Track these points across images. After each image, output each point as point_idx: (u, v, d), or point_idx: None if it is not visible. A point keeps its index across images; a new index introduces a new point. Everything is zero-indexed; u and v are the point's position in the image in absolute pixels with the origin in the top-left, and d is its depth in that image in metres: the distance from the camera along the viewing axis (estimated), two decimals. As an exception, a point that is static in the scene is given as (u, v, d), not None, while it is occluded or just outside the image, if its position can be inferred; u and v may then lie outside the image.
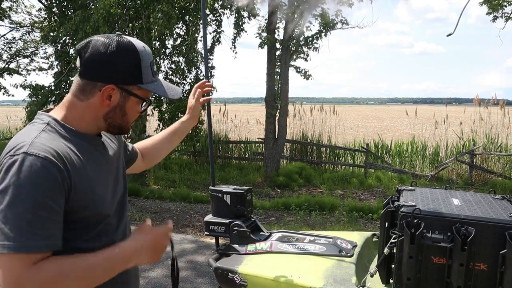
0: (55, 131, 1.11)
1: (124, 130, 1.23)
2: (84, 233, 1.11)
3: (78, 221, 1.09)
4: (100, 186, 1.15)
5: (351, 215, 6.36)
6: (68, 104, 1.16)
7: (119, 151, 1.35)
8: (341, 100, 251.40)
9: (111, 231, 1.20)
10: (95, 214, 1.13)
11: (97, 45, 1.12)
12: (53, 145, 1.05)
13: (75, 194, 1.05)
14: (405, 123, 18.64)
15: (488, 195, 1.70)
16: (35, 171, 0.98)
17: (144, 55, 1.16)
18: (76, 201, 1.06)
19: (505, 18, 8.16)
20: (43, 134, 1.08)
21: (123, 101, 1.16)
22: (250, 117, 14.82)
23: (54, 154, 1.03)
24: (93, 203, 1.11)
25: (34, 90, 7.95)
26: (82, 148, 1.13)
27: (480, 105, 10.24)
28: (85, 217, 1.10)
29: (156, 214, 6.56)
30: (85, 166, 1.11)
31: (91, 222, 1.13)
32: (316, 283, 1.55)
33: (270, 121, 8.86)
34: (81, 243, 1.10)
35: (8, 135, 16.19)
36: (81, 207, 1.08)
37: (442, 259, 1.36)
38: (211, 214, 2.03)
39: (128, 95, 1.16)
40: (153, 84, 1.20)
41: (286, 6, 8.29)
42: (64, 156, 1.05)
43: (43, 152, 1.01)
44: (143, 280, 4.06)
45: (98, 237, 1.15)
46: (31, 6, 19.30)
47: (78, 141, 1.13)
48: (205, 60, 2.12)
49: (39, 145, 1.03)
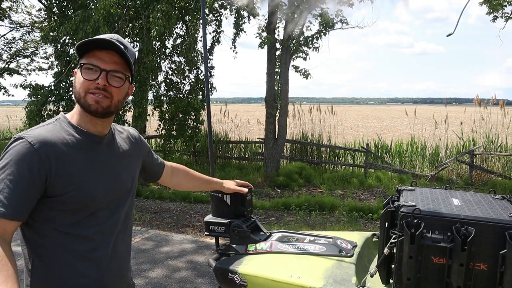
0: (60, 125, 1.30)
1: (85, 101, 1.30)
2: (69, 217, 1.27)
3: (61, 204, 1.25)
4: (88, 179, 1.29)
5: (351, 215, 6.36)
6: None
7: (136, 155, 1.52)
8: (341, 100, 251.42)
9: (98, 223, 1.33)
10: (77, 202, 1.27)
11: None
12: (48, 135, 1.24)
13: (54, 180, 1.22)
14: (405, 123, 18.64)
15: (488, 195, 1.70)
16: (20, 152, 1.20)
17: (95, 37, 1.33)
18: (55, 186, 1.23)
19: (505, 18, 8.16)
20: (47, 126, 1.28)
21: (78, 74, 1.31)
22: (250, 117, 14.82)
23: (44, 142, 1.22)
24: (74, 191, 1.25)
25: (34, 90, 7.94)
26: (79, 144, 1.29)
27: (480, 105, 10.24)
28: (67, 201, 1.25)
29: (156, 214, 6.56)
30: (74, 158, 1.27)
31: (76, 209, 1.27)
32: (316, 283, 1.55)
33: (270, 121, 8.85)
34: (69, 228, 1.27)
35: (8, 135, 16.18)
36: (60, 192, 1.24)
37: (442, 259, 1.36)
38: (211, 214, 2.03)
39: (80, 67, 1.30)
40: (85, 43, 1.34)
41: (286, 6, 8.30)
42: (55, 145, 1.24)
43: (35, 140, 1.21)
44: (143, 280, 4.06)
45: (85, 225, 1.30)
46: (31, 6, 19.32)
47: (78, 137, 1.30)
48: (205, 60, 2.12)
49: (36, 134, 1.23)
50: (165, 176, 1.76)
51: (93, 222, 1.32)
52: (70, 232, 1.28)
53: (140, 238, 5.36)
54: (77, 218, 1.29)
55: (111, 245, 1.37)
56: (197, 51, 8.82)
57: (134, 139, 1.54)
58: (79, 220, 1.29)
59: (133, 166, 1.51)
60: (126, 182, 1.44)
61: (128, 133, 1.53)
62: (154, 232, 5.65)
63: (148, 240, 5.28)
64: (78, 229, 1.29)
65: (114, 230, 1.38)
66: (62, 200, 1.25)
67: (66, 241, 1.28)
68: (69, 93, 7.94)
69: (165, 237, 5.42)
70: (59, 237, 1.27)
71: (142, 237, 5.42)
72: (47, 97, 7.73)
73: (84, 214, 1.29)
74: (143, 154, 1.58)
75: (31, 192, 1.20)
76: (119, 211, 1.40)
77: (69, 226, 1.28)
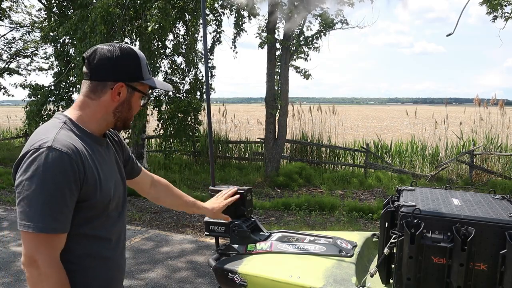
0: (71, 129, 1.29)
1: (127, 123, 1.43)
2: (91, 221, 1.30)
3: (88, 209, 1.27)
4: (105, 180, 1.32)
5: (351, 215, 6.36)
6: (81, 104, 1.35)
7: (120, 155, 1.54)
8: (341, 100, 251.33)
9: (113, 223, 1.38)
10: (100, 204, 1.30)
11: (103, 52, 1.31)
12: (72, 141, 1.24)
13: (86, 185, 1.24)
14: (405, 123, 18.64)
15: (488, 195, 1.70)
16: (58, 163, 1.17)
17: (142, 58, 1.38)
18: (87, 191, 1.25)
19: (505, 18, 8.15)
20: (62, 131, 1.26)
21: (129, 96, 1.37)
22: (250, 117, 14.82)
23: (74, 150, 1.22)
24: (100, 193, 1.29)
25: (33, 90, 7.95)
26: (90, 146, 1.32)
27: (479, 105, 10.24)
28: (93, 206, 1.28)
29: (156, 214, 6.56)
30: (94, 161, 1.29)
31: (97, 211, 1.31)
32: (316, 283, 1.55)
33: (270, 121, 8.85)
34: (90, 230, 1.31)
35: (8, 135, 16.17)
36: (90, 196, 1.26)
37: (442, 259, 1.36)
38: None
39: (133, 90, 1.37)
40: (151, 80, 1.42)
41: (285, 6, 8.29)
42: (81, 151, 1.24)
43: (65, 148, 1.20)
44: (142, 280, 4.06)
45: (103, 226, 1.34)
46: (31, 6, 19.30)
47: (87, 139, 1.32)
48: (205, 60, 2.12)
49: (62, 141, 1.21)
50: (142, 183, 1.72)
51: (109, 222, 1.37)
52: (93, 234, 1.32)
53: (140, 238, 5.36)
54: (99, 220, 1.32)
55: (121, 243, 1.45)
56: (197, 51, 8.82)
57: (117, 137, 1.57)
58: (100, 222, 1.33)
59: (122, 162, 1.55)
60: (124, 180, 1.50)
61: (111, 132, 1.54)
62: (154, 232, 5.65)
63: (148, 240, 5.28)
64: (100, 231, 1.33)
65: (122, 228, 1.46)
66: (89, 205, 1.27)
67: (88, 244, 1.31)
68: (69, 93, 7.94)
69: (165, 237, 5.42)
70: (83, 241, 1.30)
71: (142, 237, 5.42)
72: (47, 97, 7.73)
73: (103, 215, 1.34)
74: (124, 150, 1.59)
75: (72, 200, 1.22)
76: (124, 210, 1.46)
77: (92, 229, 1.31)
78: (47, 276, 1.17)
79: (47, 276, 1.18)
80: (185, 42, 8.62)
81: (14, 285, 3.90)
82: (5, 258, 4.52)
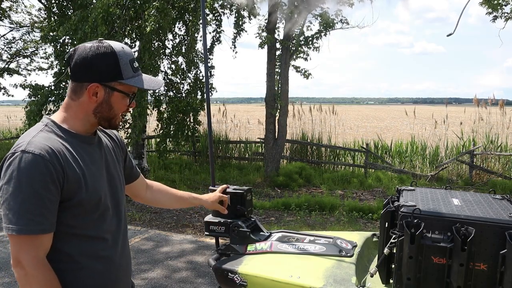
0: (52, 131, 1.30)
1: (113, 123, 1.39)
2: (80, 220, 1.29)
3: (75, 208, 1.27)
4: (92, 178, 1.31)
5: (351, 215, 6.36)
6: (65, 105, 1.35)
7: (118, 156, 1.53)
8: (341, 100, 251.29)
9: (107, 222, 1.38)
10: (88, 202, 1.29)
11: (80, 51, 1.30)
12: (48, 143, 1.24)
13: (68, 183, 1.24)
14: (405, 123, 18.65)
15: (488, 195, 1.70)
16: (31, 166, 1.18)
17: (122, 55, 1.32)
18: (70, 188, 1.25)
19: (505, 18, 8.16)
20: (40, 134, 1.27)
21: (107, 96, 1.33)
22: (250, 117, 14.82)
23: (48, 151, 1.22)
24: (86, 192, 1.28)
25: (33, 90, 7.93)
26: (74, 145, 1.31)
27: (479, 105, 10.24)
28: (79, 204, 1.28)
29: (156, 214, 6.56)
30: (77, 160, 1.29)
31: (86, 210, 1.30)
32: (316, 283, 1.55)
33: (270, 121, 8.85)
34: (81, 230, 1.30)
35: (8, 135, 16.18)
36: (74, 194, 1.26)
37: (442, 259, 1.36)
38: (211, 214, 2.03)
39: (112, 90, 1.32)
40: (133, 79, 1.34)
41: (286, 6, 8.29)
42: (58, 151, 1.24)
43: (38, 150, 1.20)
44: (142, 280, 4.06)
45: (96, 226, 1.33)
46: (31, 6, 19.30)
47: (71, 139, 1.31)
48: (205, 60, 2.12)
49: (36, 144, 1.22)
50: (139, 187, 1.72)
51: (103, 222, 1.36)
52: (83, 234, 1.31)
53: (140, 238, 5.36)
54: (89, 219, 1.32)
55: (120, 243, 1.44)
56: (197, 51, 8.81)
57: (115, 136, 1.56)
58: (91, 222, 1.32)
59: (120, 162, 1.53)
60: (120, 179, 1.49)
61: (109, 131, 1.54)
62: (154, 232, 5.65)
63: (148, 240, 5.28)
64: (90, 231, 1.33)
65: (120, 228, 1.44)
66: (75, 204, 1.27)
67: (80, 243, 1.31)
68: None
69: (165, 237, 5.42)
70: (73, 240, 1.30)
71: (142, 237, 5.42)
72: (47, 97, 7.71)
73: (95, 215, 1.33)
74: (124, 153, 1.59)
75: (52, 201, 1.22)
76: (121, 209, 1.45)
77: (82, 229, 1.31)
78: (33, 276, 1.20)
79: (33, 276, 1.20)
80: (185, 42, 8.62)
81: (14, 285, 3.90)
82: (5, 258, 4.52)
